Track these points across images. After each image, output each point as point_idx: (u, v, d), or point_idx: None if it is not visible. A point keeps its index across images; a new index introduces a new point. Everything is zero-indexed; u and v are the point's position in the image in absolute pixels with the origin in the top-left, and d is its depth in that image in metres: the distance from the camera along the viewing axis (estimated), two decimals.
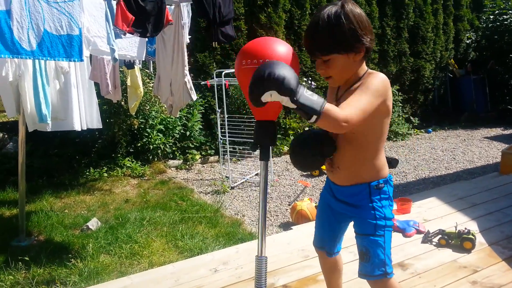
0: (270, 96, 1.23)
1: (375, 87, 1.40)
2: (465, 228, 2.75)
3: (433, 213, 3.23)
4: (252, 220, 4.24)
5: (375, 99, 1.38)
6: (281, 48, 1.55)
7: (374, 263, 1.56)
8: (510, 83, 9.57)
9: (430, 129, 8.85)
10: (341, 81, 1.52)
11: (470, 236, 2.69)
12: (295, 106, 1.24)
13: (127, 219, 3.99)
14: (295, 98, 1.22)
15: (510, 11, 9.36)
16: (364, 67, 1.51)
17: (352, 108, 1.32)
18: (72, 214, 4.20)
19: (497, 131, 8.66)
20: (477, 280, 2.29)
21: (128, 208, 4.40)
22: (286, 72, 1.23)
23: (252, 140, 1.71)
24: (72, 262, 3.11)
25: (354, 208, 1.59)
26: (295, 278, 2.38)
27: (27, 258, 3.07)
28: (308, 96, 1.24)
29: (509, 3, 9.61)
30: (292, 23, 7.61)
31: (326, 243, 1.79)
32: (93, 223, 3.87)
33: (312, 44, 1.45)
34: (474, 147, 7.18)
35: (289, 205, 4.62)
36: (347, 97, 1.42)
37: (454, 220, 3.05)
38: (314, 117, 1.24)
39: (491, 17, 9.77)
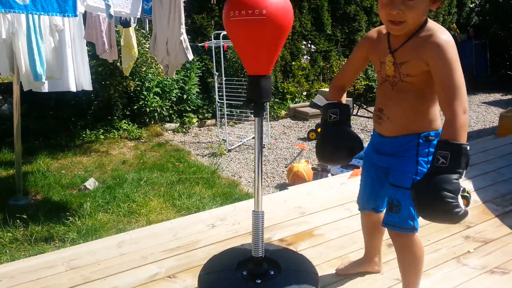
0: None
1: (456, 59, 1.33)
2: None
3: None
4: (248, 182, 4.27)
5: (461, 70, 1.33)
6: None
7: (402, 216, 1.52)
8: (511, 49, 9.43)
9: None
10: (409, 28, 1.38)
11: (465, 194, 2.71)
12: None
13: (125, 180, 4.00)
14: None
15: None
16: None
17: (457, 99, 1.29)
18: (69, 175, 4.21)
19: (496, 96, 8.62)
20: (469, 235, 2.32)
21: (125, 169, 4.41)
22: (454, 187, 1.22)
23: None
24: (70, 220, 3.14)
25: (397, 158, 1.54)
26: (291, 233, 2.41)
27: (25, 216, 3.10)
28: (463, 160, 1.24)
29: None
30: None
31: (370, 201, 1.75)
32: (91, 183, 3.88)
33: None
34: (471, 112, 7.16)
35: (285, 167, 4.64)
36: (407, 53, 1.40)
37: None
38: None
39: None
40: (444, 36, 1.35)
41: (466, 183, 3.05)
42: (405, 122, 1.50)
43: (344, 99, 1.73)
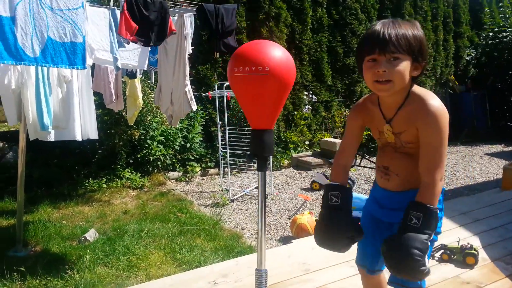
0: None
1: (446, 129, 1.39)
2: (468, 243, 2.71)
3: None
4: (251, 234, 4.19)
5: (447, 140, 1.40)
6: (277, 53, 1.50)
7: None
8: (510, 100, 9.59)
9: None
10: (396, 87, 1.40)
11: (473, 251, 2.65)
12: None
13: (125, 231, 3.94)
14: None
15: (509, 29, 9.46)
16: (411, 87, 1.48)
17: (437, 169, 1.38)
18: (70, 225, 4.16)
19: (498, 147, 8.65)
20: None
21: (127, 219, 4.35)
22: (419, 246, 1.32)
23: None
24: (68, 273, 3.05)
25: (402, 212, 1.50)
26: None
27: (23, 269, 3.02)
28: (433, 223, 1.35)
29: (508, 21, 9.70)
30: (294, 38, 7.67)
31: (368, 259, 1.72)
32: (91, 234, 3.82)
33: (390, 38, 1.36)
34: (475, 163, 7.16)
35: (289, 218, 4.58)
36: (403, 122, 1.46)
37: (457, 235, 3.01)
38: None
39: (491, 34, 9.86)
40: (435, 103, 1.40)
41: (473, 239, 2.99)
42: (411, 177, 1.50)
43: (346, 180, 1.69)
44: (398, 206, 1.54)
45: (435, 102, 1.40)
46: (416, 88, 1.46)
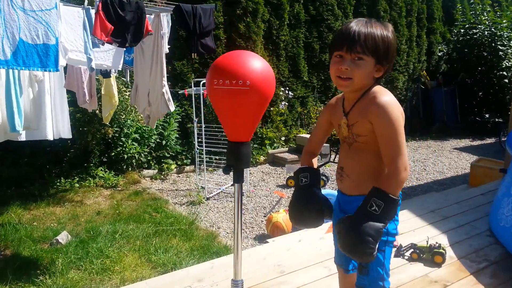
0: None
1: (398, 120, 1.42)
2: (436, 242, 2.80)
3: (406, 226, 3.29)
4: (227, 233, 4.21)
5: (402, 128, 1.43)
6: (258, 66, 1.50)
7: (372, 277, 1.55)
8: (479, 96, 9.90)
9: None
10: (355, 87, 1.49)
11: (441, 250, 2.75)
12: None
13: (99, 233, 3.89)
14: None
15: (479, 26, 9.72)
16: (373, 85, 1.54)
17: (399, 157, 1.40)
18: (41, 227, 4.07)
19: (466, 142, 8.94)
20: None
21: (100, 220, 4.29)
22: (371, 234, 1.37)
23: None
24: (40, 278, 3.01)
25: None
26: None
27: None
28: (392, 213, 1.41)
29: (478, 18, 9.97)
30: (271, 33, 7.66)
31: (343, 258, 1.76)
32: (63, 237, 3.75)
33: (360, 39, 1.42)
34: (444, 158, 7.38)
35: (264, 216, 4.62)
36: (356, 114, 1.51)
37: (426, 233, 3.11)
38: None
39: (462, 30, 10.12)
40: (386, 97, 1.46)
41: (441, 237, 3.10)
42: (364, 180, 1.55)
43: (316, 163, 1.80)
44: (349, 211, 1.59)
45: (386, 97, 1.47)
46: (376, 87, 1.53)
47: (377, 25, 1.46)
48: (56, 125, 4.06)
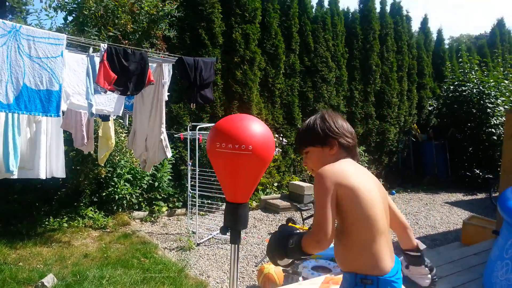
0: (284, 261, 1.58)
1: (318, 190, 1.48)
2: None
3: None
4: (217, 282, 4.11)
5: (325, 197, 1.44)
6: (259, 130, 1.54)
7: None
8: (469, 151, 10.08)
9: (393, 191, 9.10)
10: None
11: None
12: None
13: (85, 277, 3.78)
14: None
15: (468, 83, 10.07)
16: (337, 159, 1.63)
17: (316, 227, 1.44)
18: (27, 268, 3.95)
19: (457, 196, 9.00)
20: None
21: (87, 263, 4.18)
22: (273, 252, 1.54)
23: (221, 194, 1.71)
24: None
25: None
26: None
27: None
28: (290, 248, 1.51)
29: (467, 76, 10.34)
30: (267, 81, 7.87)
31: None
32: (49, 280, 3.64)
33: (296, 140, 1.73)
34: (435, 212, 7.40)
35: (255, 266, 4.54)
36: None
37: None
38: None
39: (451, 87, 10.46)
40: (320, 171, 1.53)
41: None
42: (345, 258, 1.55)
43: None
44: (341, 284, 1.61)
45: (322, 169, 1.53)
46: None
47: (309, 120, 1.69)
48: (50, 164, 4.05)
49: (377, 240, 1.48)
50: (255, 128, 1.53)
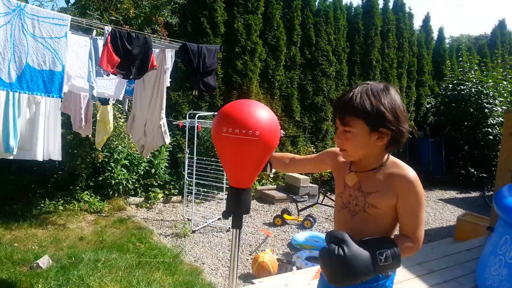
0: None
1: (423, 195, 1.43)
2: None
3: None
4: (212, 269, 4.14)
5: (425, 205, 1.46)
6: (266, 116, 1.49)
7: None
8: (464, 149, 10.15)
9: None
10: (353, 157, 1.46)
11: None
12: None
13: (81, 259, 3.79)
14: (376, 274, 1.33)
15: (467, 83, 10.10)
16: (384, 153, 1.47)
17: (422, 228, 1.41)
18: (22, 249, 3.96)
19: (451, 193, 9.08)
20: None
21: (82, 246, 4.20)
22: (361, 275, 1.29)
23: (217, 183, 1.68)
24: None
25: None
26: None
27: None
28: (385, 264, 1.30)
29: (466, 75, 10.37)
30: (267, 72, 7.85)
31: None
32: (44, 261, 3.65)
33: (345, 112, 1.39)
34: (429, 209, 7.45)
35: (250, 254, 4.57)
36: (371, 186, 1.45)
37: (413, 286, 3.12)
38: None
39: (450, 86, 10.49)
40: (411, 173, 1.43)
41: None
42: None
43: (277, 156, 1.79)
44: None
45: (411, 172, 1.44)
46: (393, 159, 1.49)
47: (369, 93, 1.37)
48: (47, 146, 4.04)
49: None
50: (262, 114, 1.49)
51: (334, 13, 8.89)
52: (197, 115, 5.12)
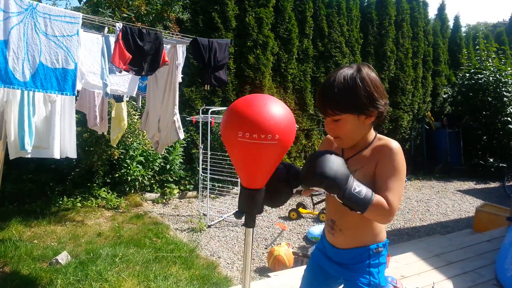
0: (318, 188, 1.34)
1: (403, 166, 1.41)
2: None
3: (410, 269, 3.26)
4: (227, 263, 4.16)
5: (404, 178, 1.42)
6: (285, 116, 1.35)
7: None
8: (483, 139, 9.95)
9: (405, 178, 9.04)
10: (349, 142, 1.50)
11: None
12: (341, 202, 1.34)
13: (99, 255, 3.85)
14: (341, 196, 1.31)
15: (484, 71, 9.88)
16: (372, 131, 1.51)
17: (396, 197, 1.37)
18: (42, 245, 4.03)
19: (470, 184, 8.92)
20: None
21: (100, 242, 4.26)
22: (336, 172, 1.29)
23: (232, 178, 1.61)
24: None
25: (349, 271, 1.56)
26: None
27: None
28: (356, 194, 1.31)
29: (483, 63, 10.15)
30: (279, 66, 7.81)
31: None
32: (63, 257, 3.71)
33: (325, 103, 1.42)
34: (447, 200, 7.35)
35: (265, 248, 4.57)
36: (357, 163, 1.47)
37: (431, 278, 3.08)
38: (359, 212, 1.34)
39: (467, 75, 10.28)
40: (396, 144, 1.46)
41: (447, 283, 3.06)
42: (356, 234, 1.54)
43: None
44: (344, 262, 1.58)
45: (396, 143, 1.46)
46: (380, 136, 1.52)
47: (344, 78, 1.39)
48: (64, 144, 4.09)
49: None
50: (281, 113, 1.33)
51: (347, 3, 8.79)
52: (210, 111, 5.13)
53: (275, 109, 1.33)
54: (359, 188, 1.31)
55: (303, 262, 4.01)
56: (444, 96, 10.86)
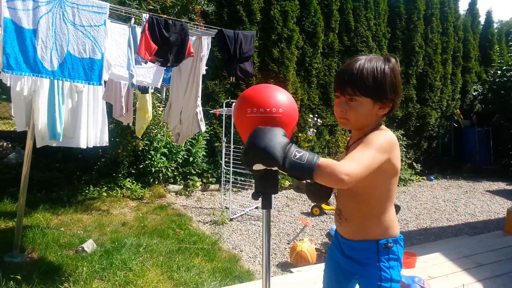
0: (260, 166, 1.26)
1: (379, 143, 1.36)
2: None
3: (438, 270, 3.16)
4: (249, 257, 4.15)
5: (379, 154, 1.34)
6: (286, 96, 1.51)
7: None
8: None
9: (432, 177, 8.83)
10: (354, 126, 1.49)
11: None
12: (286, 174, 1.26)
13: (123, 244, 3.90)
14: (283, 167, 1.22)
15: None
16: (379, 123, 1.49)
17: (354, 163, 1.26)
18: (68, 233, 4.12)
19: (500, 185, 8.63)
20: None
21: (125, 232, 4.32)
22: (267, 142, 1.24)
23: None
24: (64, 285, 3.01)
25: (360, 266, 1.52)
26: None
27: (19, 277, 2.98)
28: (297, 160, 1.22)
29: None
30: (304, 60, 7.72)
31: None
32: (89, 245, 3.78)
33: (350, 80, 1.40)
34: (476, 200, 7.13)
35: (288, 243, 4.54)
36: (354, 147, 1.42)
37: (460, 279, 2.98)
38: (307, 180, 1.23)
39: (499, 72, 9.93)
40: (388, 132, 1.43)
41: (477, 285, 2.96)
42: (362, 225, 1.51)
43: None
44: (354, 257, 1.54)
45: (387, 131, 1.45)
46: (382, 127, 1.48)
47: (373, 63, 1.40)
48: (95, 133, 4.12)
49: (392, 206, 1.51)
50: (281, 93, 1.52)
51: None
52: (233, 104, 5.10)
53: (277, 90, 1.51)
54: (299, 154, 1.23)
55: (325, 258, 3.95)
56: (474, 93, 10.54)
